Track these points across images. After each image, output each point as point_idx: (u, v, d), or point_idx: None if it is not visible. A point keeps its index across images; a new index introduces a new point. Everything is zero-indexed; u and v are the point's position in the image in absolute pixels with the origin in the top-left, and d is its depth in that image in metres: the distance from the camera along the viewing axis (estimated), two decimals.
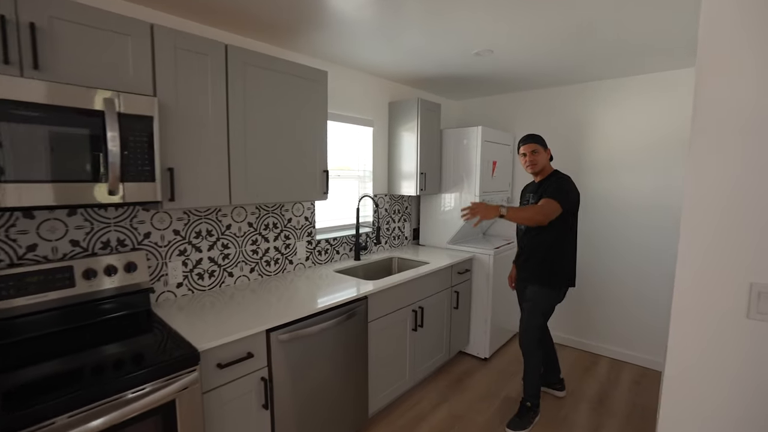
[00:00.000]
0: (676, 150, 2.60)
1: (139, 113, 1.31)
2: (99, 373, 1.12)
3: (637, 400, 2.43)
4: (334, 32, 1.97)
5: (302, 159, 1.97)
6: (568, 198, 2.01)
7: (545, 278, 2.11)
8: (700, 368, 1.16)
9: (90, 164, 1.23)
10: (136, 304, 1.61)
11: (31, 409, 0.95)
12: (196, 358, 1.27)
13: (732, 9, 1.05)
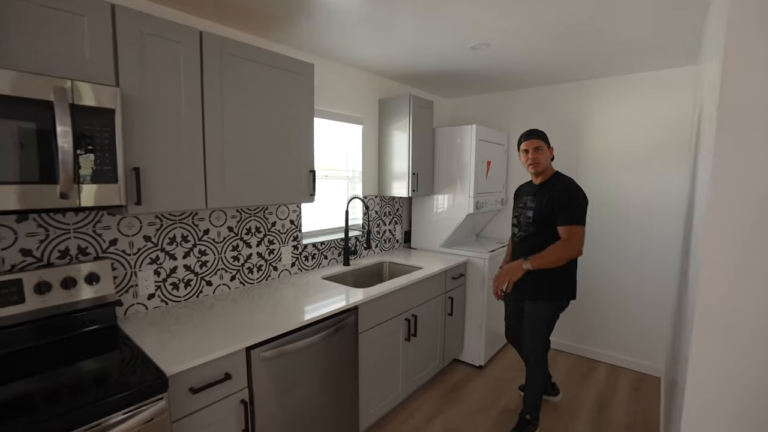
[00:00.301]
0: (675, 150, 2.53)
1: (97, 105, 1.15)
2: (47, 406, 0.96)
3: (637, 408, 2.35)
4: (322, 22, 1.83)
5: (287, 158, 1.82)
6: (584, 213, 1.83)
7: (550, 292, 1.94)
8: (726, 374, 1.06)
9: (37, 163, 1.07)
10: (99, 320, 1.44)
11: None
12: (164, 385, 1.12)
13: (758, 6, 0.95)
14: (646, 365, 2.74)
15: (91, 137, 1.15)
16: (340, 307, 1.73)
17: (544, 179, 2.00)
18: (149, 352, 1.25)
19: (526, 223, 1.99)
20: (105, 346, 1.32)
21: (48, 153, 1.08)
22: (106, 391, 1.03)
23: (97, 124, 1.16)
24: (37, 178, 1.07)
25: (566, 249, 1.80)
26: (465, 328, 2.84)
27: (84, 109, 1.13)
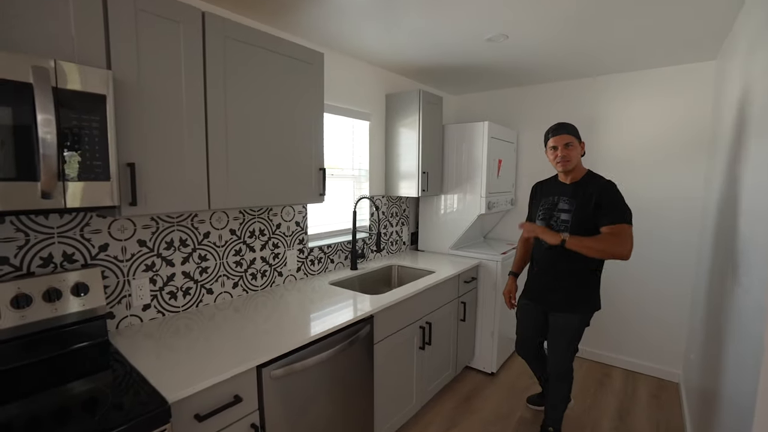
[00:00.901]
0: (692, 150, 2.44)
1: (85, 90, 0.99)
2: None
3: (660, 416, 2.25)
4: (331, 9, 1.68)
5: (295, 155, 1.67)
6: (631, 214, 1.66)
7: (586, 304, 1.78)
8: None
9: (13, 157, 0.90)
10: (88, 336, 1.27)
11: None
12: (166, 415, 0.96)
13: None
14: (664, 371, 2.65)
15: (79, 127, 0.99)
16: (356, 317, 1.59)
17: (576, 178, 1.81)
18: (146, 374, 1.09)
19: (559, 228, 1.77)
20: (95, 366, 1.15)
21: (27, 145, 0.92)
22: (99, 425, 0.87)
23: (84, 112, 1.00)
24: (13, 174, 0.91)
25: (615, 244, 1.58)
26: (476, 334, 2.71)
27: (70, 94, 0.97)
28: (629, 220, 1.64)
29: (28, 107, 0.91)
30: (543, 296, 1.84)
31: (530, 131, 3.07)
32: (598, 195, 1.69)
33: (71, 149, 0.98)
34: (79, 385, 1.05)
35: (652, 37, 1.98)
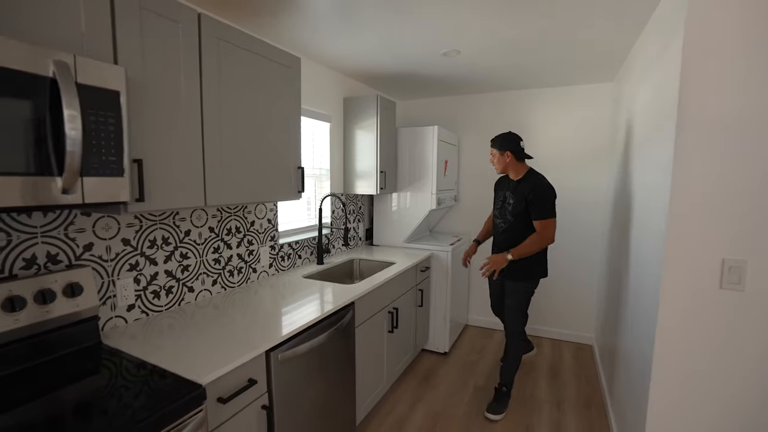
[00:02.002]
0: (596, 153, 3.01)
1: (101, 86, 1.00)
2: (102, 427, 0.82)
3: (580, 371, 2.74)
4: (303, 18, 1.80)
5: (277, 154, 1.75)
6: (554, 207, 2.12)
7: (527, 274, 2.20)
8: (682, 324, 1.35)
9: (32, 151, 0.89)
10: (81, 338, 1.23)
11: None
12: (202, 396, 1.02)
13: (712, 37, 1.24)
14: (579, 335, 3.20)
15: (96, 123, 0.99)
16: (342, 303, 1.73)
17: (519, 176, 2.21)
18: (166, 367, 1.12)
19: (507, 217, 2.23)
20: (104, 365, 1.14)
21: (43, 139, 0.91)
22: (147, 411, 0.91)
23: (101, 107, 1.00)
24: (33, 170, 0.90)
25: (540, 240, 2.09)
26: (430, 319, 2.99)
27: (88, 89, 0.97)
28: (549, 214, 2.09)
29: (44, 101, 0.90)
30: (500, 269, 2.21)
31: (470, 135, 3.46)
32: (528, 193, 2.12)
33: (90, 144, 0.98)
34: (96, 381, 1.05)
35: (566, 62, 2.43)
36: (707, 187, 1.29)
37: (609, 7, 1.69)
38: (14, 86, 0.85)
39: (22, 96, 0.87)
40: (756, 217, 1.25)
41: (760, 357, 1.28)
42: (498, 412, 2.18)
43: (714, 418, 1.34)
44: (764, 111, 1.21)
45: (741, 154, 1.25)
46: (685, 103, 1.30)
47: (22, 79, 0.86)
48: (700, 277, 1.33)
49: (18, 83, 0.85)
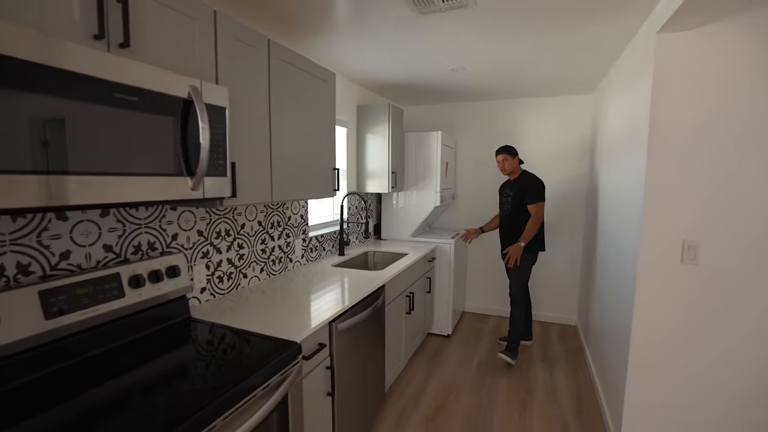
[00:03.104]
0: (575, 155, 3.42)
1: (216, 103, 1.25)
2: (224, 375, 1.07)
3: (566, 347, 3.14)
4: (336, 38, 2.07)
5: (318, 157, 2.02)
6: (543, 194, 2.78)
7: (526, 247, 2.76)
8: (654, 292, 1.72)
9: (173, 157, 1.14)
10: (179, 312, 1.47)
11: (195, 415, 0.90)
12: (299, 351, 1.29)
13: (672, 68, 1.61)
14: (564, 317, 3.61)
15: (212, 133, 1.24)
16: (377, 285, 2.01)
17: (515, 177, 2.85)
18: (260, 331, 1.38)
19: (508, 207, 2.89)
20: (208, 333, 1.38)
21: (176, 147, 1.15)
22: (258, 363, 1.17)
23: (216, 121, 1.25)
24: (172, 171, 1.14)
25: (535, 221, 2.74)
26: (434, 305, 3.31)
27: (209, 107, 1.22)
28: (538, 198, 2.73)
29: (177, 117, 1.15)
30: (503, 246, 2.93)
31: (466, 138, 3.81)
32: (523, 186, 2.73)
33: (210, 151, 1.23)
34: (213, 342, 1.29)
35: (552, 78, 2.81)
36: (672, 186, 1.67)
37: (589, 40, 2.05)
38: (162, 106, 1.10)
39: (165, 113, 1.11)
40: (706, 208, 1.63)
41: (711, 311, 1.66)
42: (512, 357, 2.77)
43: (678, 366, 1.72)
44: (715, 127, 1.59)
45: (697, 161, 1.62)
46: (655, 120, 1.67)
47: (167, 100, 1.10)
48: (666, 255, 1.70)
49: (164, 103, 1.10)
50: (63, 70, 0.83)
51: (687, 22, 1.53)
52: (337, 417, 1.66)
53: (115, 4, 1.01)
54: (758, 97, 1.54)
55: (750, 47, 1.53)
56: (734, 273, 1.62)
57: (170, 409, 0.91)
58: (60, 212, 1.19)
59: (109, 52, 1.00)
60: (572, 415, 2.25)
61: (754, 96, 1.54)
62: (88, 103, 0.89)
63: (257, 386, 1.10)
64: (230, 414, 0.99)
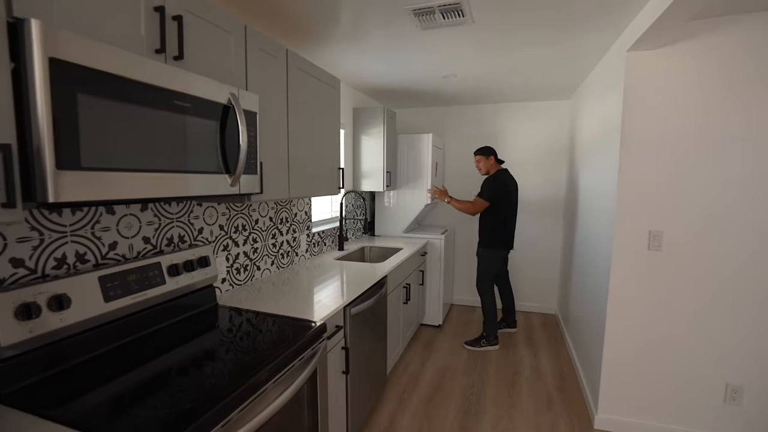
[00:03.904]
0: (554, 156, 3.71)
1: (250, 109, 1.40)
2: (268, 347, 1.22)
3: (548, 333, 3.40)
4: (340, 47, 2.24)
5: (325, 157, 2.17)
6: (491, 194, 3.01)
7: (486, 242, 3.10)
8: (626, 275, 1.97)
9: (213, 156, 1.28)
10: (208, 299, 1.60)
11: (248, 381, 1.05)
12: (324, 329, 1.45)
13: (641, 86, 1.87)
14: (545, 307, 3.89)
15: (248, 135, 1.38)
16: (381, 275, 2.19)
17: (490, 174, 3.14)
18: (284, 313, 1.53)
19: None
20: (238, 317, 1.52)
21: (217, 148, 1.29)
22: (293, 339, 1.33)
23: (250, 125, 1.40)
24: (214, 169, 1.28)
25: (469, 206, 3.07)
26: (426, 297, 3.51)
27: (245, 112, 1.36)
28: (483, 195, 3.02)
29: (217, 121, 1.29)
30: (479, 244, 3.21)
31: (454, 140, 4.03)
32: (483, 181, 3.02)
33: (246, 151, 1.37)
34: (245, 324, 1.43)
35: (533, 85, 3.07)
36: (640, 184, 1.92)
37: (568, 54, 2.30)
38: (207, 111, 1.23)
39: (209, 117, 1.25)
40: (668, 203, 1.89)
41: (671, 289, 1.93)
42: (472, 345, 3.07)
43: (645, 335, 1.98)
44: (675, 134, 1.85)
45: (660, 163, 1.89)
46: (626, 127, 1.92)
47: (211, 105, 1.24)
48: (635, 243, 1.96)
49: (209, 109, 1.24)
50: (140, 81, 0.97)
51: (652, 43, 1.78)
52: (350, 394, 1.82)
53: (171, 21, 1.14)
54: (710, 107, 1.81)
55: (703, 65, 1.80)
56: (689, 257, 1.89)
57: (232, 372, 1.06)
58: (109, 206, 1.30)
59: (165, 63, 1.13)
60: (555, 390, 2.49)
61: (707, 106, 1.81)
62: (157, 110, 1.03)
63: (295, 356, 1.25)
64: (279, 378, 1.15)
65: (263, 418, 1.05)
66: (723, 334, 1.88)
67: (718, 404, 1.90)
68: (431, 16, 1.78)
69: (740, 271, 1.83)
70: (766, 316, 1.82)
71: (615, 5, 1.68)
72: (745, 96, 1.76)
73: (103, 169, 0.90)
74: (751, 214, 1.80)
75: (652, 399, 2.01)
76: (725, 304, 1.86)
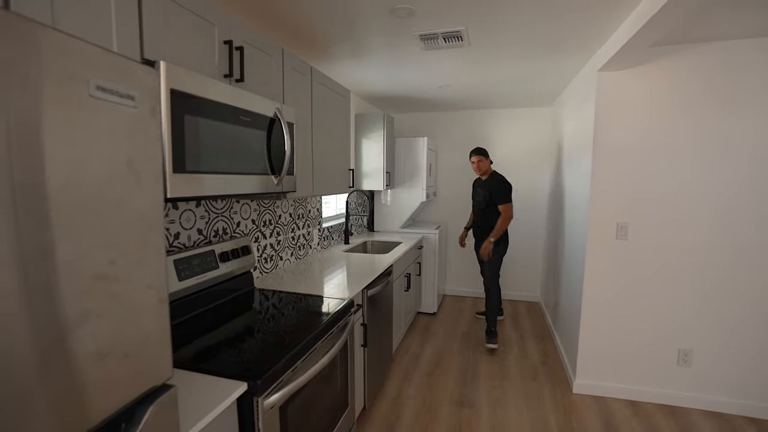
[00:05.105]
0: (538, 159, 4.08)
1: (290, 120, 1.67)
2: (310, 318, 1.50)
3: (532, 320, 3.76)
4: (346, 61, 2.52)
5: (338, 160, 2.45)
6: (509, 195, 3.10)
7: (500, 240, 3.15)
8: (598, 261, 2.32)
9: (263, 160, 1.54)
10: (247, 284, 1.85)
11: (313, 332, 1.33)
12: (352, 304, 1.73)
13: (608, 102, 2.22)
14: (529, 295, 4.26)
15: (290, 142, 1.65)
16: (388, 263, 2.48)
17: (487, 176, 3.23)
18: (316, 293, 1.80)
19: (482, 204, 3.22)
20: (277, 295, 1.78)
21: (265, 153, 1.56)
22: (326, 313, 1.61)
23: (290, 134, 1.66)
24: (261, 170, 1.54)
25: (505, 219, 3.07)
26: (422, 287, 3.82)
27: (288, 124, 1.63)
28: (507, 200, 3.07)
29: (265, 131, 1.55)
30: (478, 240, 3.27)
31: (445, 142, 4.36)
32: (491, 188, 3.12)
33: None
34: (283, 301, 1.70)
35: (519, 93, 3.41)
36: (610, 183, 2.27)
37: (548, 70, 2.64)
38: (260, 123, 1.50)
39: (261, 128, 1.52)
40: (632, 199, 2.25)
41: (635, 272, 2.29)
42: (494, 342, 3.08)
43: (613, 312, 2.34)
44: (638, 141, 2.21)
45: (626, 165, 2.24)
46: (598, 135, 2.27)
47: (262, 118, 1.51)
48: (606, 233, 2.31)
49: (261, 121, 1.50)
50: (218, 102, 1.23)
51: (619, 65, 2.13)
52: (367, 365, 2.11)
53: (235, 51, 1.41)
54: (666, 118, 2.17)
55: (663, 84, 2.16)
56: (650, 245, 2.26)
57: (292, 332, 1.33)
58: (174, 203, 1.55)
59: (230, 85, 1.39)
60: (540, 364, 2.84)
61: (664, 117, 2.17)
62: (229, 124, 1.29)
63: (334, 323, 1.53)
64: (326, 337, 1.43)
65: (314, 372, 1.33)
66: (677, 309, 2.25)
67: (672, 366, 2.27)
68: (435, 40, 2.08)
69: (694, 256, 2.20)
70: (713, 293, 2.20)
71: (588, 35, 2.02)
72: (697, 111, 2.13)
73: (197, 172, 1.16)
74: (702, 209, 2.17)
75: (619, 365, 2.37)
76: (680, 283, 2.23)
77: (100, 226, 0.54)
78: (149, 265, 0.67)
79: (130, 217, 0.60)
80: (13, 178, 0.44)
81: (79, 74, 0.48)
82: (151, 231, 0.66)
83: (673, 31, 1.94)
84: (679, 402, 2.29)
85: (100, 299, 0.56)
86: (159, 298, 0.68)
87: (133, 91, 0.56)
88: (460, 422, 2.17)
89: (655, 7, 1.46)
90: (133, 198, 0.59)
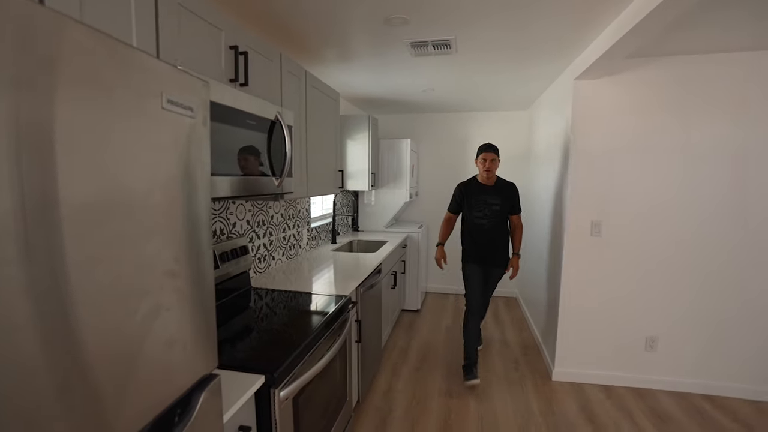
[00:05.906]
0: (517, 161, 4.27)
1: (288, 123, 1.71)
2: (313, 314, 1.55)
3: (512, 314, 3.95)
4: (335, 64, 2.58)
5: (329, 161, 2.50)
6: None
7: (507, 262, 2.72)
8: (575, 257, 2.50)
9: (265, 162, 1.58)
10: (245, 283, 1.88)
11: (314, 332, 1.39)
12: (350, 300, 1.79)
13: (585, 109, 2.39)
14: (508, 291, 4.46)
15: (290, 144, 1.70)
16: (377, 262, 2.56)
17: (493, 181, 2.64)
18: (314, 291, 1.85)
19: (493, 214, 2.62)
20: (275, 294, 1.82)
21: (266, 155, 1.60)
22: (328, 308, 1.67)
23: (289, 135, 1.71)
24: (267, 172, 1.58)
25: (522, 230, 2.71)
26: (406, 285, 3.92)
27: (287, 126, 1.68)
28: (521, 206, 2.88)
29: (266, 134, 1.59)
30: (489, 261, 2.67)
31: (427, 144, 4.48)
32: (510, 195, 2.64)
33: None
34: (284, 299, 1.74)
35: (499, 97, 3.58)
36: (585, 183, 2.45)
37: (527, 77, 2.81)
38: (262, 126, 1.54)
39: (263, 131, 1.56)
40: (605, 198, 2.43)
41: (607, 266, 2.48)
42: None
43: (588, 303, 2.52)
44: (610, 145, 2.40)
45: (600, 167, 2.42)
46: (573, 140, 2.44)
47: (264, 122, 1.55)
48: (582, 230, 2.48)
49: (263, 124, 1.54)
50: (229, 106, 1.27)
51: (595, 74, 2.30)
52: (361, 359, 2.18)
53: (240, 56, 1.44)
54: (637, 123, 2.37)
55: (631, 92, 2.35)
56: (620, 241, 2.45)
57: (296, 328, 1.39)
58: None
59: (236, 89, 1.43)
60: (520, 355, 3.00)
61: (635, 123, 2.37)
62: (237, 128, 1.33)
63: (336, 318, 1.59)
64: (329, 332, 1.49)
65: (321, 366, 1.38)
66: (645, 300, 2.46)
67: (640, 352, 2.48)
68: (425, 47, 2.17)
69: (661, 251, 2.41)
70: (675, 284, 2.41)
71: (565, 47, 2.17)
72: (666, 117, 2.33)
73: (215, 174, 1.19)
74: (667, 208, 2.38)
75: (594, 352, 2.55)
76: (648, 276, 2.44)
77: (169, 226, 0.59)
78: (203, 261, 0.72)
79: (189, 217, 0.64)
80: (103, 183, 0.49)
81: (155, 89, 0.53)
82: (204, 229, 0.70)
83: (645, 46, 2.13)
84: (647, 384, 2.50)
85: (168, 293, 0.60)
86: (209, 291, 0.73)
87: (192, 103, 0.60)
88: (449, 412, 2.28)
89: (632, 21, 1.61)
90: (191, 199, 0.64)
